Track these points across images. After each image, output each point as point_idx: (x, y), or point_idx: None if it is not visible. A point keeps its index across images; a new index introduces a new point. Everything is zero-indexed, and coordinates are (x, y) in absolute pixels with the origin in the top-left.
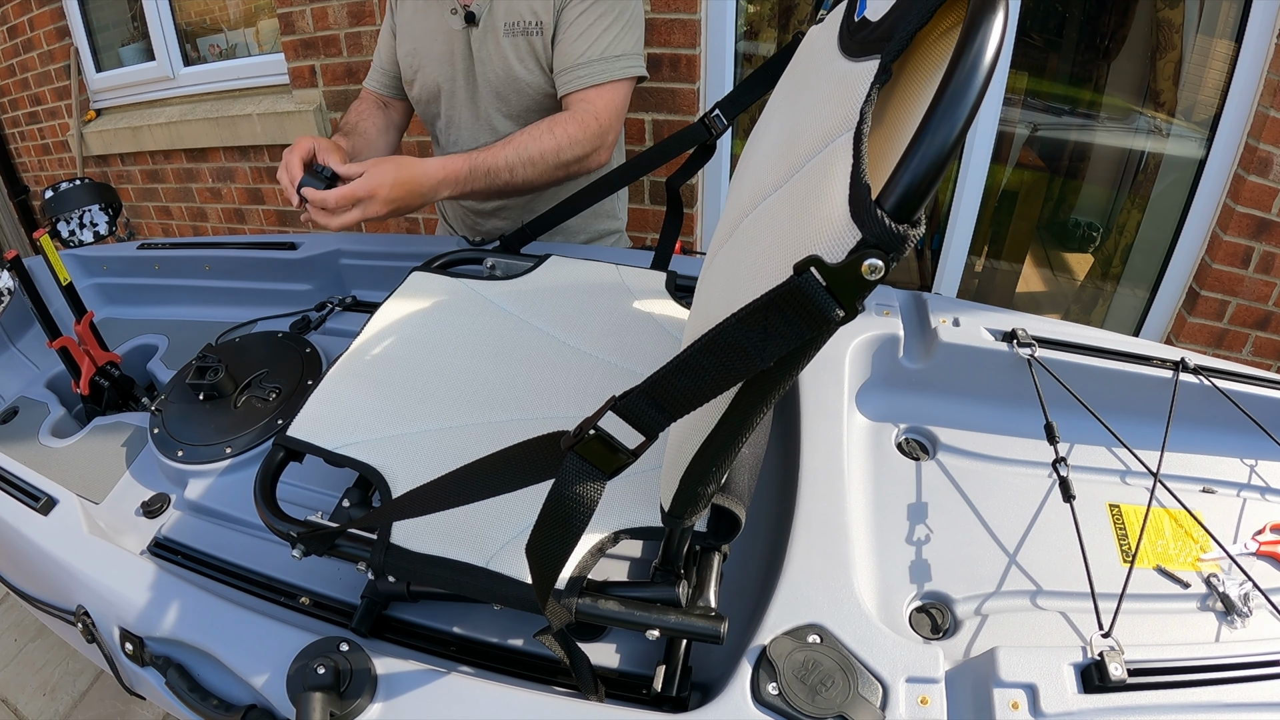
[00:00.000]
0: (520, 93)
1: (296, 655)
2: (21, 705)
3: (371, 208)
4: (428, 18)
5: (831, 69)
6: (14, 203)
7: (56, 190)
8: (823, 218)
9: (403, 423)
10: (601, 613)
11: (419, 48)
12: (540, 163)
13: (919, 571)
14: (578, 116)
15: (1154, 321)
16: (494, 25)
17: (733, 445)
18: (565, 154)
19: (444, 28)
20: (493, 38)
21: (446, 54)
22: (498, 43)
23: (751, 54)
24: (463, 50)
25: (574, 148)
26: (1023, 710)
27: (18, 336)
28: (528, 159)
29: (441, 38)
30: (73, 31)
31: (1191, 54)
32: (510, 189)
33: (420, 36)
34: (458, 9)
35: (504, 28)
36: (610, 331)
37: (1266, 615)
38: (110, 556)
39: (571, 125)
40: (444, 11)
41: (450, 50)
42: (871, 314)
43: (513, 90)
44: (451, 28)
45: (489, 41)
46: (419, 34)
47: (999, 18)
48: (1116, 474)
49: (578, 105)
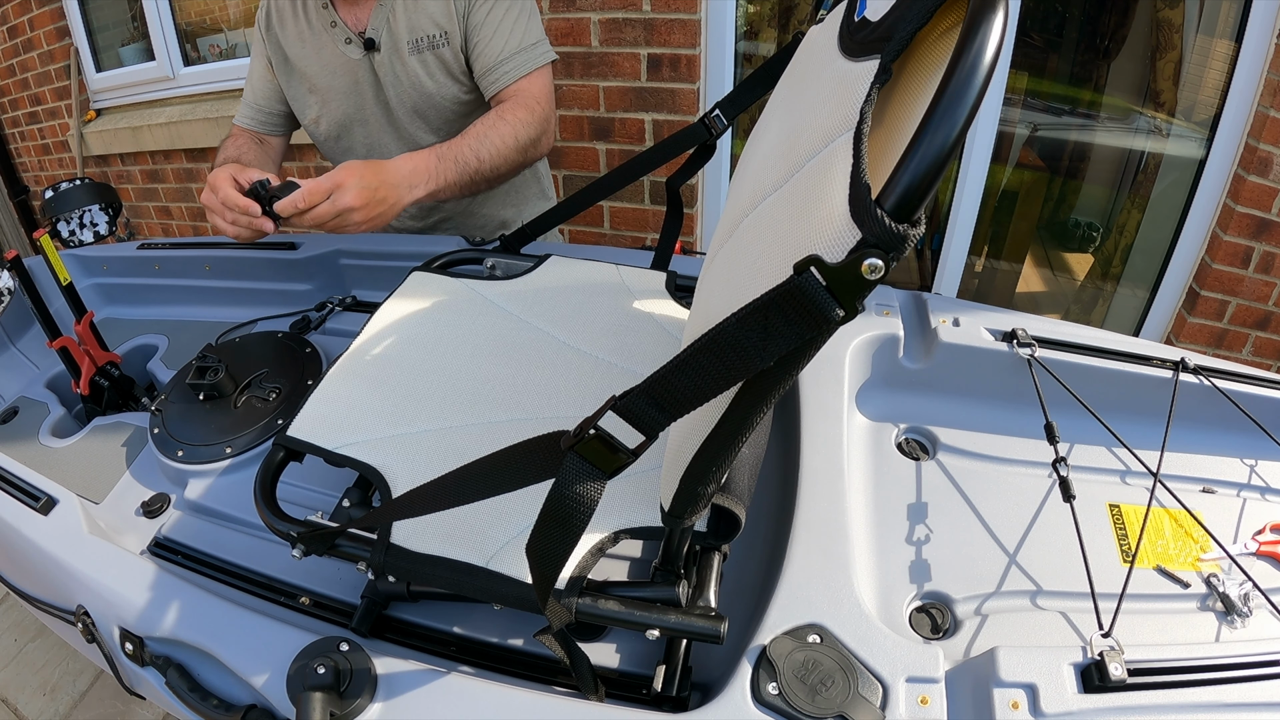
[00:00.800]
0: (438, 108)
1: (296, 655)
2: (21, 705)
3: (344, 197)
4: (320, 52)
5: (831, 69)
6: (14, 203)
7: (56, 190)
8: (823, 217)
9: (403, 423)
10: (601, 612)
11: (318, 84)
12: (503, 148)
13: (919, 571)
14: (520, 102)
15: (1154, 321)
16: (396, 46)
17: (733, 445)
18: (522, 137)
19: (341, 60)
20: (398, 59)
21: (350, 85)
22: (404, 62)
23: (751, 54)
24: (368, 78)
25: (528, 129)
26: (1023, 710)
27: (18, 336)
28: (490, 146)
29: (341, 70)
30: (73, 31)
31: (1191, 54)
32: (480, 178)
33: (318, 74)
34: (352, 38)
35: (408, 46)
36: (610, 331)
37: (1266, 615)
38: (110, 556)
39: (519, 110)
40: (337, 43)
41: (354, 80)
42: (871, 314)
43: (430, 106)
44: (350, 58)
45: (394, 63)
46: (315, 71)
47: (999, 17)
48: (1116, 474)
49: (513, 98)
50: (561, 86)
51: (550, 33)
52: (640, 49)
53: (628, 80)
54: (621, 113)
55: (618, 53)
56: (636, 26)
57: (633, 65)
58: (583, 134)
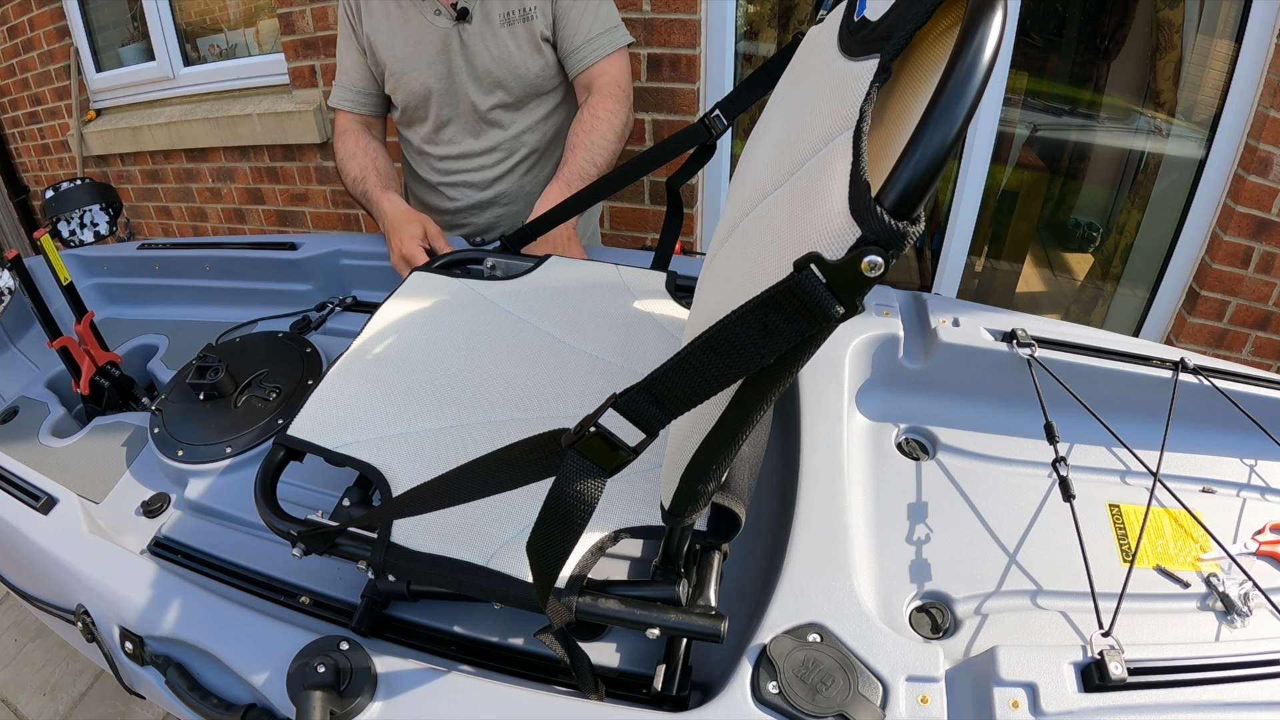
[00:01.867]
0: (521, 79)
1: (296, 654)
2: (21, 705)
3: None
4: (406, 23)
5: (831, 68)
6: (14, 203)
7: (57, 190)
8: (823, 215)
9: (403, 422)
10: (602, 611)
11: (401, 53)
12: (608, 146)
13: (919, 571)
14: (604, 91)
15: (1154, 321)
16: (488, 17)
17: (733, 443)
18: (618, 126)
19: (429, 29)
20: (489, 29)
21: (436, 54)
22: (495, 33)
23: (751, 54)
24: (457, 47)
25: (619, 117)
26: (1023, 709)
27: (18, 336)
28: (600, 151)
29: (427, 39)
30: (73, 31)
31: (1191, 54)
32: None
33: (402, 43)
34: (442, 9)
35: (500, 18)
36: (610, 331)
37: (1266, 615)
38: (110, 556)
39: (607, 101)
40: (425, 14)
41: (441, 50)
42: (871, 314)
43: (514, 78)
44: (439, 27)
45: (485, 34)
46: (400, 41)
47: (998, 17)
48: (1116, 474)
49: (596, 80)
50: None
51: None
52: (640, 49)
53: None
54: None
55: None
56: (636, 26)
57: (633, 65)
58: None
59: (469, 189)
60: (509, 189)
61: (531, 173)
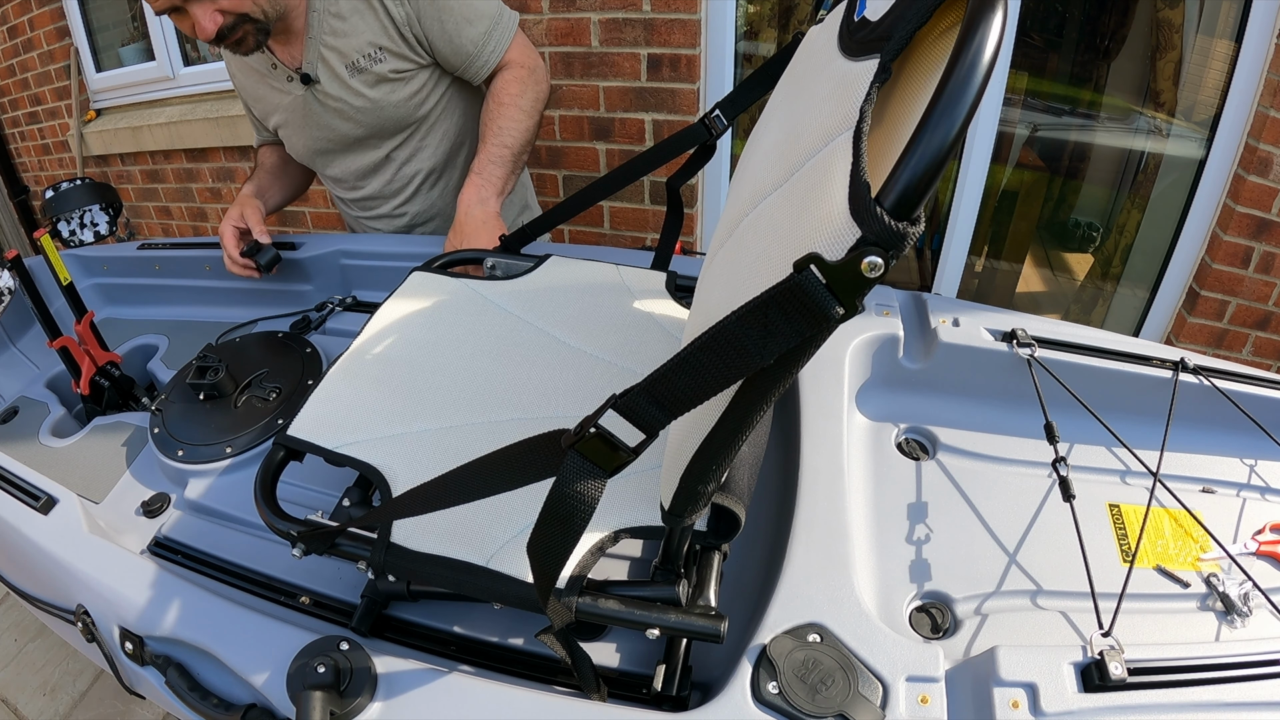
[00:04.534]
0: (392, 119)
1: (296, 654)
2: (21, 705)
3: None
4: (271, 93)
5: (831, 69)
6: (14, 203)
7: (57, 190)
8: (822, 216)
9: (403, 422)
10: (602, 612)
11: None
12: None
13: (919, 571)
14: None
15: (1154, 321)
16: (335, 74)
17: (733, 443)
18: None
19: (288, 97)
20: (339, 84)
21: (303, 119)
22: (347, 86)
23: (751, 54)
24: (317, 109)
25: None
26: (1023, 709)
27: (18, 336)
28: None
29: (289, 106)
30: (73, 31)
31: (1191, 54)
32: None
33: (273, 111)
34: (293, 76)
35: (346, 70)
36: (610, 331)
37: (1266, 615)
38: (110, 556)
39: (511, 86)
40: (279, 83)
41: (305, 114)
42: (871, 314)
43: (384, 120)
44: (294, 94)
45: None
46: (270, 109)
47: (998, 17)
48: (1116, 474)
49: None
50: (561, 86)
51: (550, 33)
52: (640, 49)
53: (628, 80)
54: (621, 113)
55: (618, 53)
56: (636, 26)
57: (633, 65)
58: (583, 134)
59: (385, 219)
60: (420, 209)
61: (436, 189)
